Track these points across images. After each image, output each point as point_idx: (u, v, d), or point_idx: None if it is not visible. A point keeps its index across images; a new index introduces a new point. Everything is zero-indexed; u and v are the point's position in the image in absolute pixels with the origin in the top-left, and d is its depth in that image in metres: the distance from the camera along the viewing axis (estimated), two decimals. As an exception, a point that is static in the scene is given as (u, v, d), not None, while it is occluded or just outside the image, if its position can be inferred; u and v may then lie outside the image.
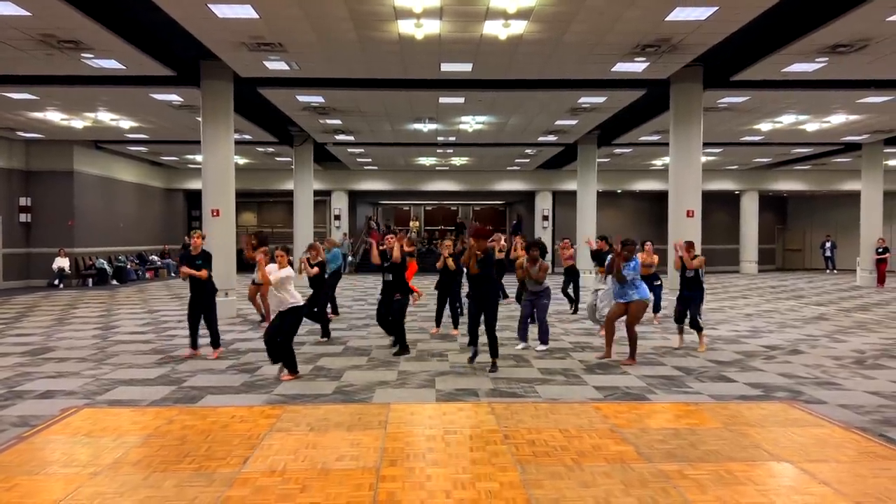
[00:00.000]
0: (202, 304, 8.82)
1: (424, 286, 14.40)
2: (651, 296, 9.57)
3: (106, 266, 22.58)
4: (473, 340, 8.24)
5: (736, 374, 7.91)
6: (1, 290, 19.32)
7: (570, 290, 13.76)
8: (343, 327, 11.57)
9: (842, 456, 4.89)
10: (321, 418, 5.84)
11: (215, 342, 8.90)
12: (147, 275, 25.08)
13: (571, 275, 13.72)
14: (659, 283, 12.10)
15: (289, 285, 7.53)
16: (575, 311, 13.43)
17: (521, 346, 9.49)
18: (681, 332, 9.69)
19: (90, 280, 21.85)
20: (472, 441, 5.20)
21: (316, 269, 10.15)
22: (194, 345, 9.03)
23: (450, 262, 10.56)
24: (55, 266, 20.86)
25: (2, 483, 4.35)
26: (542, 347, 9.34)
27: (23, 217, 21.11)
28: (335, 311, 12.77)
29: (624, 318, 8.58)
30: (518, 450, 4.98)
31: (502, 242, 13.29)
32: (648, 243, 11.94)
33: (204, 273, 8.68)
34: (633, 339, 8.54)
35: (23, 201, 21.10)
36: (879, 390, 7.08)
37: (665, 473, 4.51)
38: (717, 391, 7.05)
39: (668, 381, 7.52)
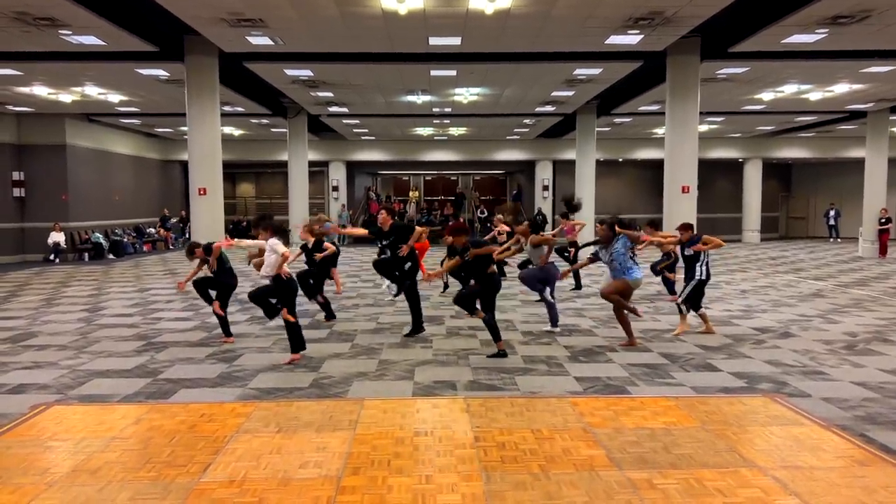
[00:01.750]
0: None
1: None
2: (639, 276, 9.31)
3: (102, 240, 22.51)
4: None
5: (722, 361, 7.77)
6: (-4, 266, 19.29)
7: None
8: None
9: (817, 461, 4.75)
10: (291, 417, 5.74)
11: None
12: (144, 248, 25.03)
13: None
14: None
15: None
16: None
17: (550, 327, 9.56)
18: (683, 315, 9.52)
19: (86, 254, 21.81)
20: (441, 444, 5.09)
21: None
22: (228, 332, 9.01)
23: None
24: (50, 241, 20.82)
25: (-46, 495, 4.27)
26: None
27: (16, 191, 21.01)
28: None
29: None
30: (486, 454, 4.87)
31: (502, 226, 12.95)
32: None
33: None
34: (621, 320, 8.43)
35: (16, 175, 20.98)
36: (866, 380, 6.93)
37: (633, 483, 4.39)
38: (700, 382, 6.92)
39: (651, 370, 7.39)
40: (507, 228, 10.16)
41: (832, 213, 29.84)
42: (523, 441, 5.14)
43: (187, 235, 23.03)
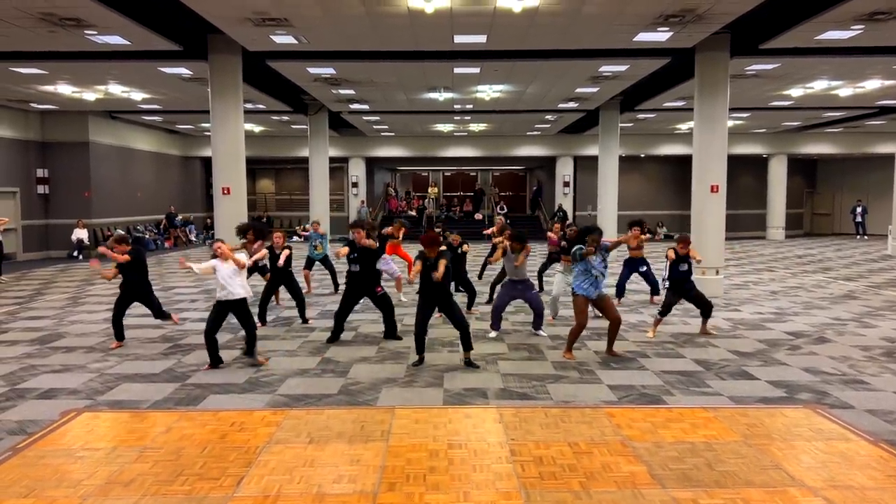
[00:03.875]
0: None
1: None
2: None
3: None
4: (420, 347, 7.77)
5: (758, 369, 7.59)
6: (21, 263, 19.45)
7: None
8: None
9: (867, 479, 4.59)
10: (322, 426, 5.66)
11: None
12: (166, 244, 25.14)
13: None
14: (645, 268, 11.68)
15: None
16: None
17: (493, 334, 9.29)
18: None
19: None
20: (476, 458, 4.98)
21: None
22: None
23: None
24: (74, 238, 20.96)
25: (-11, 509, 4.23)
26: (539, 332, 9.34)
27: (40, 189, 21.14)
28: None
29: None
30: (524, 470, 4.76)
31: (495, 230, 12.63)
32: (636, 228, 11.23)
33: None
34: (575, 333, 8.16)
35: (40, 173, 21.11)
36: (910, 391, 6.73)
37: (678, 503, 4.25)
38: (737, 391, 6.75)
39: (686, 378, 7.23)
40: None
41: (859, 209, 29.30)
42: (561, 455, 5.02)
43: (212, 233, 23.15)
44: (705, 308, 9.19)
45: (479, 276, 14.34)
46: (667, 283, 9.28)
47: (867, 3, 9.65)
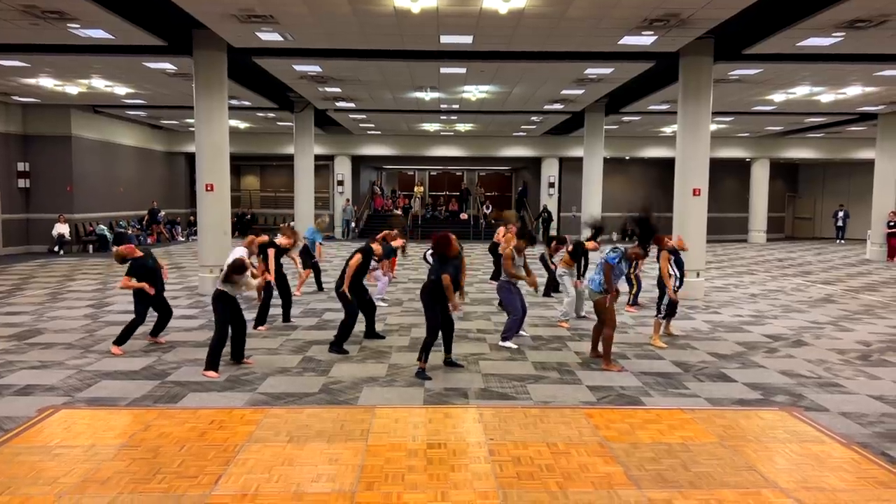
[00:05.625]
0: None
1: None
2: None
3: (106, 232, 22.43)
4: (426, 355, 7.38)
5: (736, 371, 7.68)
6: (1, 258, 19.21)
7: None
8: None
9: (839, 482, 4.66)
10: (302, 425, 5.66)
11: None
12: (149, 240, 24.94)
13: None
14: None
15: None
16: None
17: (513, 346, 8.75)
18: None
19: (90, 246, 21.74)
20: (455, 457, 5.00)
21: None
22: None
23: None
24: (55, 232, 20.74)
25: (-38, 506, 4.20)
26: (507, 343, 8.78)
27: (21, 182, 20.91)
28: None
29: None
30: (502, 470, 4.79)
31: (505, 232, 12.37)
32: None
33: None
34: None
35: (21, 166, 20.88)
36: (883, 394, 6.83)
37: (653, 503, 4.30)
38: (714, 393, 6.83)
39: (664, 379, 7.30)
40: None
41: (841, 214, 29.64)
42: (539, 455, 5.06)
43: (194, 230, 22.97)
44: (671, 308, 9.22)
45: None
46: (678, 284, 9.19)
47: (848, 11, 9.78)
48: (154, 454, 5.03)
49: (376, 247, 8.85)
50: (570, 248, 10.90)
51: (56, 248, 20.62)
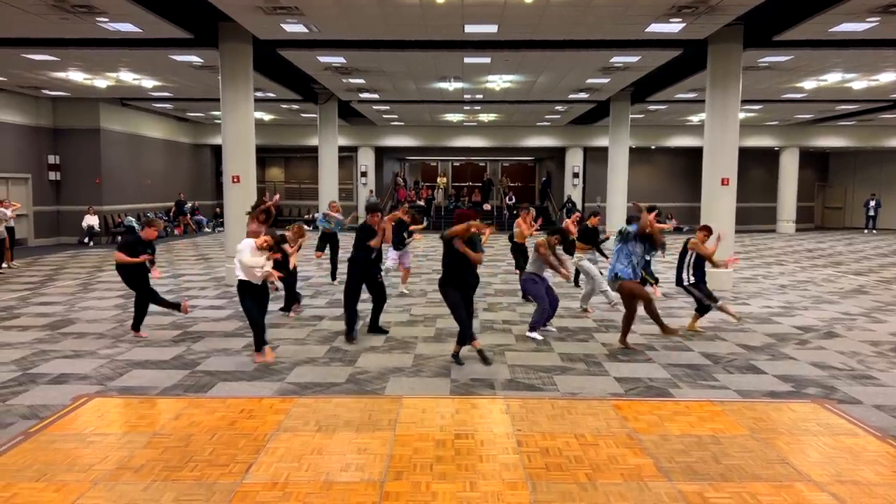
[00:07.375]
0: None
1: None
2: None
3: (135, 223, 22.68)
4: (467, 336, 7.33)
5: (766, 363, 7.58)
6: (33, 248, 19.58)
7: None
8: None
9: (875, 476, 4.58)
10: (331, 415, 5.70)
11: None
12: (176, 231, 25.25)
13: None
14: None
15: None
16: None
17: (539, 337, 8.65)
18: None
19: (119, 238, 22.02)
20: (483, 448, 5.00)
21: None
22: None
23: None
24: (84, 224, 21.08)
25: (1, 491, 4.29)
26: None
27: (52, 175, 21.26)
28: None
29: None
30: (531, 461, 4.78)
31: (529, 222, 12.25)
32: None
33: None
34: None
35: (51, 159, 21.23)
36: (919, 387, 6.70)
37: (684, 496, 4.26)
38: (744, 385, 6.74)
39: (693, 371, 7.23)
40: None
41: (872, 203, 29.07)
42: (567, 447, 5.04)
43: (221, 221, 23.18)
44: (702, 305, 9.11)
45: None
46: (693, 280, 8.96)
47: (883, -4, 9.55)
48: (186, 442, 5.10)
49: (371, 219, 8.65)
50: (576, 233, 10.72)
51: (86, 240, 20.95)
